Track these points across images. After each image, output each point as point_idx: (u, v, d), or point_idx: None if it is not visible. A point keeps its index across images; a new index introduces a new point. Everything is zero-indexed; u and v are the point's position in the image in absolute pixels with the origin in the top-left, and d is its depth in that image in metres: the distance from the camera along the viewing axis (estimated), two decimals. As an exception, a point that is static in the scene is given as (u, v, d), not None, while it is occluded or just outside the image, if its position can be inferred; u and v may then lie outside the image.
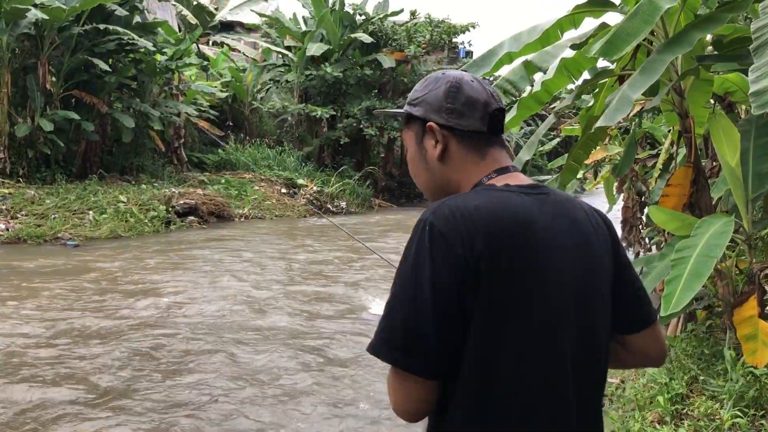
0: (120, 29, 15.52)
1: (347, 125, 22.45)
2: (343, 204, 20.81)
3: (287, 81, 23.83)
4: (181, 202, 15.95)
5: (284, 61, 24.27)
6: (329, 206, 20.37)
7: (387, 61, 22.49)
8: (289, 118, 24.29)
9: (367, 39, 22.28)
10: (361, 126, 22.29)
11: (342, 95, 23.58)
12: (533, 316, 1.21)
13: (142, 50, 16.53)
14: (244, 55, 24.49)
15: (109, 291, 8.73)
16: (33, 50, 15.45)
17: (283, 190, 20.28)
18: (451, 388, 1.21)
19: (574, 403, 1.25)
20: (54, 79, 15.80)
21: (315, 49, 21.78)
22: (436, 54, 26.47)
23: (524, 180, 1.36)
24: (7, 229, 13.01)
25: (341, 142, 22.85)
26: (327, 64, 22.55)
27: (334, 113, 22.98)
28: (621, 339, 1.41)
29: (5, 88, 14.71)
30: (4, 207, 13.55)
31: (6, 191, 14.10)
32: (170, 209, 15.55)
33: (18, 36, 14.67)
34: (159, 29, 17.56)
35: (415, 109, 1.41)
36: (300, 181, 20.87)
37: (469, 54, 37.27)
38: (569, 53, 4.80)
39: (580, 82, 5.08)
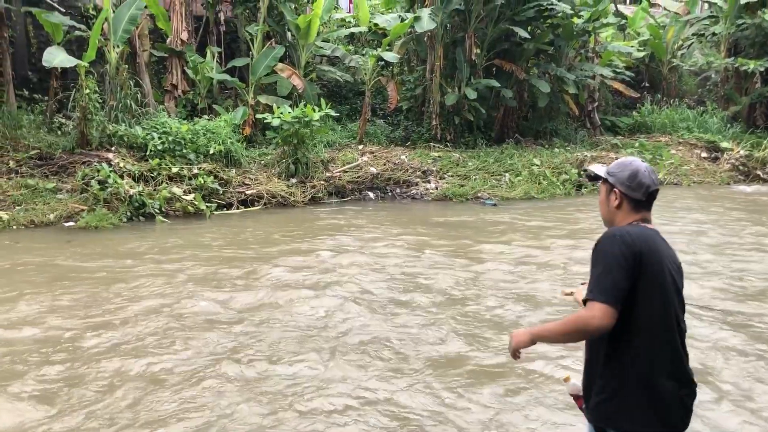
0: (540, -5, 15.90)
1: (787, 79, 19.34)
2: (779, 171, 18.13)
3: (713, 34, 21.50)
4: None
5: (711, 11, 21.92)
6: (759, 173, 17.95)
7: None
8: (713, 75, 21.98)
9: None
10: (807, 79, 18.97)
11: (783, 44, 20.37)
12: (661, 287, 2.55)
13: (559, 14, 16.67)
14: (666, 9, 22.83)
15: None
16: (461, 24, 16.81)
17: (704, 154, 18.53)
18: (629, 314, 2.51)
19: (676, 326, 2.60)
20: (478, 50, 16.97)
21: (751, -6, 19.18)
22: None
23: (651, 226, 2.67)
24: (436, 188, 14.62)
25: (778, 100, 19.82)
26: (765, 9, 19.67)
27: (771, 66, 20.00)
28: None
29: (438, 62, 16.36)
30: (434, 168, 15.23)
31: (436, 154, 15.79)
32: (582, 173, 15.59)
33: (450, 12, 16.12)
34: (577, -9, 17.46)
35: (611, 178, 2.70)
36: (724, 145, 18.73)
37: None
38: None
39: None
